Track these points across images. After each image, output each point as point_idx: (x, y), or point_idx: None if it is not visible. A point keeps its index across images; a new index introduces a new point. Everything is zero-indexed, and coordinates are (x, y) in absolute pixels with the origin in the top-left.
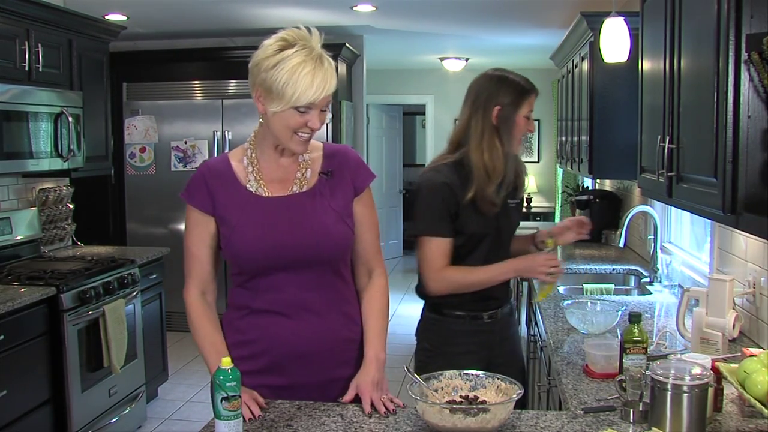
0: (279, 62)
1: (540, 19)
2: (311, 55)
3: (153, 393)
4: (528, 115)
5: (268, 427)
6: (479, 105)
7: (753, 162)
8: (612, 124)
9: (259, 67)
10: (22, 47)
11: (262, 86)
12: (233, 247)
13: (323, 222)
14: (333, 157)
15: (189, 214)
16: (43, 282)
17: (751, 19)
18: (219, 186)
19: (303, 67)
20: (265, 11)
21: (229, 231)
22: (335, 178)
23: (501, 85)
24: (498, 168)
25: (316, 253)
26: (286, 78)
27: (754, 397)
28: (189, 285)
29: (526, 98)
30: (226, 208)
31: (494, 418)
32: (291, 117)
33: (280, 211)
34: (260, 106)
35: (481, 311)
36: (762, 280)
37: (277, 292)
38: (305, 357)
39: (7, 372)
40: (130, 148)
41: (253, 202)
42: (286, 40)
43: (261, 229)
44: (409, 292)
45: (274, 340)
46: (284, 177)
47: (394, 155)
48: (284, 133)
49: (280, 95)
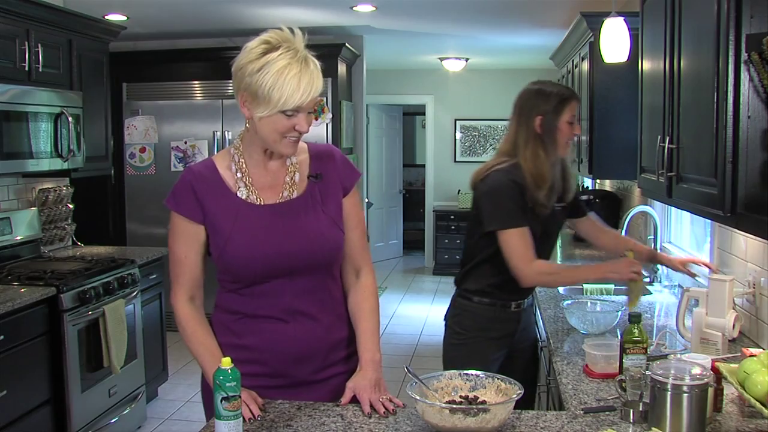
0: (264, 66)
1: (540, 20)
2: (296, 57)
3: (153, 393)
4: (571, 120)
5: (268, 428)
6: (523, 117)
7: (753, 162)
8: (612, 125)
9: (243, 72)
10: (22, 47)
11: (247, 91)
12: (228, 258)
13: (317, 228)
14: (320, 158)
15: (175, 221)
16: (43, 282)
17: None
18: (207, 193)
19: (289, 70)
20: (265, 11)
21: (222, 241)
22: (325, 180)
23: (540, 96)
24: (544, 175)
25: (312, 260)
26: (272, 82)
27: (754, 397)
28: (177, 291)
29: (566, 104)
30: (217, 216)
31: (494, 419)
32: (278, 121)
33: (274, 218)
34: (246, 111)
35: (510, 300)
36: (762, 281)
37: (273, 298)
38: (302, 360)
39: (7, 372)
40: (130, 149)
41: (245, 211)
42: (270, 42)
43: (256, 239)
44: (409, 292)
45: (273, 346)
46: (274, 182)
47: (394, 155)
48: (272, 137)
49: (267, 100)
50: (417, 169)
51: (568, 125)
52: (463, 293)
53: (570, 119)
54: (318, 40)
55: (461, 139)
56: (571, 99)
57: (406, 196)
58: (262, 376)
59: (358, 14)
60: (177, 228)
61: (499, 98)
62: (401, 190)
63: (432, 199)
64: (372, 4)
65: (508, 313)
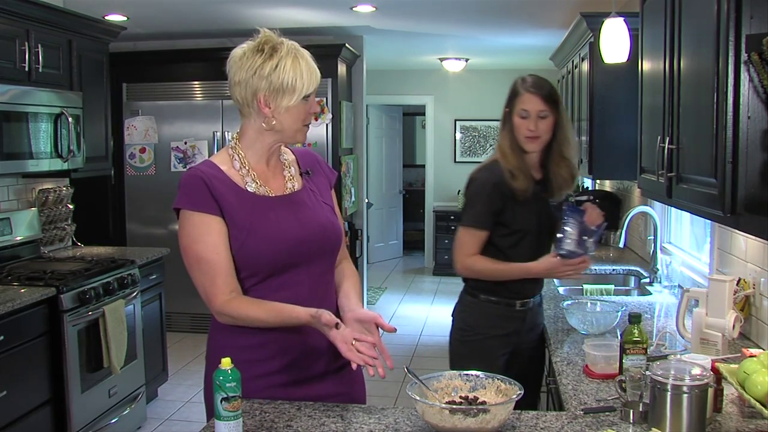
0: (278, 62)
1: (540, 20)
2: (296, 50)
3: (153, 393)
4: (524, 115)
5: (268, 428)
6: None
7: (753, 162)
8: (612, 125)
9: (260, 74)
10: (22, 48)
11: (269, 89)
12: (249, 249)
13: (325, 216)
14: (304, 158)
15: (194, 221)
16: (42, 282)
17: (751, 20)
18: (221, 188)
19: (299, 62)
20: (264, 12)
21: (242, 234)
22: (314, 176)
23: (510, 89)
24: (513, 170)
25: (326, 245)
26: (292, 73)
27: (753, 397)
28: (217, 295)
29: (516, 98)
30: (233, 209)
31: (494, 419)
32: (301, 107)
33: (287, 208)
34: (266, 110)
35: (515, 299)
36: (762, 281)
37: (289, 290)
38: (318, 350)
39: (7, 373)
40: (130, 149)
41: (260, 203)
42: (269, 43)
43: (274, 228)
44: (409, 292)
45: (289, 338)
46: (276, 177)
47: (393, 156)
48: (296, 125)
49: (292, 89)
50: (417, 169)
51: (520, 119)
52: (470, 290)
53: (522, 113)
54: (318, 40)
55: (461, 140)
56: (521, 93)
57: (406, 197)
58: (277, 373)
59: (358, 15)
60: (198, 227)
61: (499, 99)
62: (401, 190)
63: (432, 200)
64: (372, 4)
65: (513, 311)
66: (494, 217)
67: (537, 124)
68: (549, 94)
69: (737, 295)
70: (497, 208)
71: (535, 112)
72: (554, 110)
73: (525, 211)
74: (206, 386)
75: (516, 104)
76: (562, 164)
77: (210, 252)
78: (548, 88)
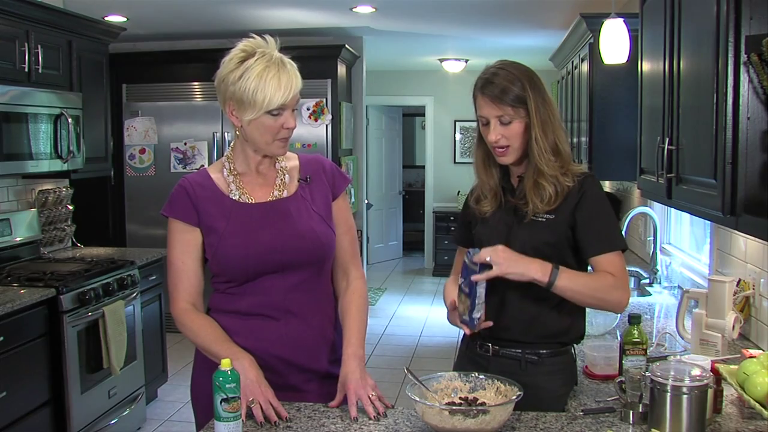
0: (244, 72)
1: (540, 21)
2: (272, 60)
3: (152, 394)
4: (483, 122)
5: (267, 428)
6: None
7: (752, 163)
8: (611, 126)
9: (225, 82)
10: (22, 49)
11: (232, 99)
12: (222, 255)
13: (308, 224)
14: (309, 164)
15: (171, 228)
16: (42, 283)
17: (751, 21)
18: (202, 196)
19: (267, 73)
20: (264, 13)
21: (216, 239)
22: (314, 182)
23: None
24: (481, 183)
25: (303, 255)
26: (254, 85)
27: (753, 398)
28: (176, 300)
29: (475, 101)
30: (212, 217)
31: (494, 420)
32: (266, 122)
33: (266, 215)
34: (235, 120)
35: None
36: (761, 282)
37: (265, 296)
38: (290, 360)
39: (6, 373)
40: (130, 150)
41: (238, 209)
42: (245, 50)
43: (249, 235)
44: (409, 293)
45: (262, 344)
46: (265, 184)
47: (393, 156)
48: (264, 138)
49: (252, 103)
50: (417, 170)
51: (484, 128)
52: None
53: (482, 120)
54: (317, 41)
55: (461, 140)
56: (475, 95)
57: (406, 198)
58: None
59: (358, 15)
60: (173, 235)
61: None
62: (401, 191)
63: (432, 200)
64: (372, 5)
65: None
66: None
67: (499, 132)
68: (503, 93)
69: (737, 296)
70: (467, 222)
71: (494, 117)
72: (519, 110)
73: (488, 231)
74: (193, 391)
75: (476, 109)
76: (541, 185)
77: (177, 260)
78: (502, 85)
